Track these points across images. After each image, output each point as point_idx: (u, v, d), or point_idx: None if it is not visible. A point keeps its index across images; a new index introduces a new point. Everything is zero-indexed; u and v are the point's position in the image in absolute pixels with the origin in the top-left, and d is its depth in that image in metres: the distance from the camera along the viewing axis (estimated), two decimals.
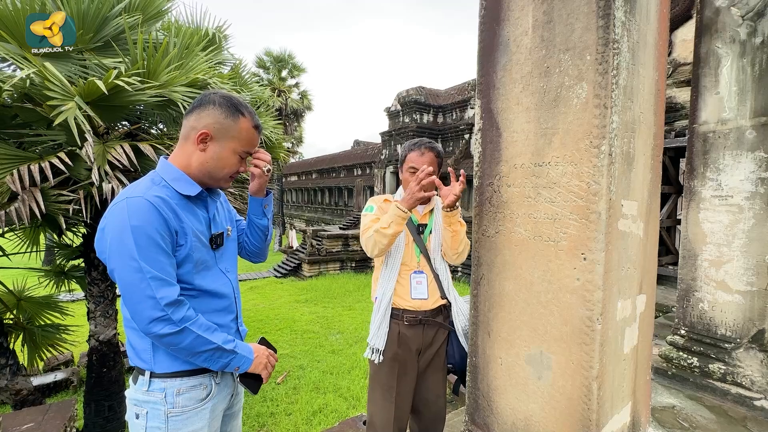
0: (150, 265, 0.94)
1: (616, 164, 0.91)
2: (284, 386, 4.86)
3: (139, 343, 1.02)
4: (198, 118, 1.06)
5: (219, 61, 5.17)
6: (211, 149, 1.07)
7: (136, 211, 0.94)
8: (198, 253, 1.05)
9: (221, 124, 1.06)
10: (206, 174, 1.09)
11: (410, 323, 1.65)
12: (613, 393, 1.01)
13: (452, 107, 14.36)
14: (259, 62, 20.92)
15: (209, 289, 1.09)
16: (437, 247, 1.70)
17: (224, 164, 1.09)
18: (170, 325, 0.95)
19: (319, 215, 24.67)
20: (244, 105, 1.10)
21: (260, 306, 9.37)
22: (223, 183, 1.14)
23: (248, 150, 1.12)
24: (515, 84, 1.05)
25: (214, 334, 1.02)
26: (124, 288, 0.95)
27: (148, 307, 0.93)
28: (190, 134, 1.07)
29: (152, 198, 0.97)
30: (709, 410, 2.06)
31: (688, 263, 2.34)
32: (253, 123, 1.11)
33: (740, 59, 2.14)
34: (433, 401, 1.73)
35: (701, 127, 2.29)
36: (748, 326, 2.13)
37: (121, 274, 0.94)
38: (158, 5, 3.96)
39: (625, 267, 1.00)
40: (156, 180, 1.04)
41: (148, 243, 0.94)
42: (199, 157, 1.07)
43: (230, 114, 1.06)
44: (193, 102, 1.09)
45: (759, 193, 2.08)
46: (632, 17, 0.92)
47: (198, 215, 1.09)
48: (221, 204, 1.23)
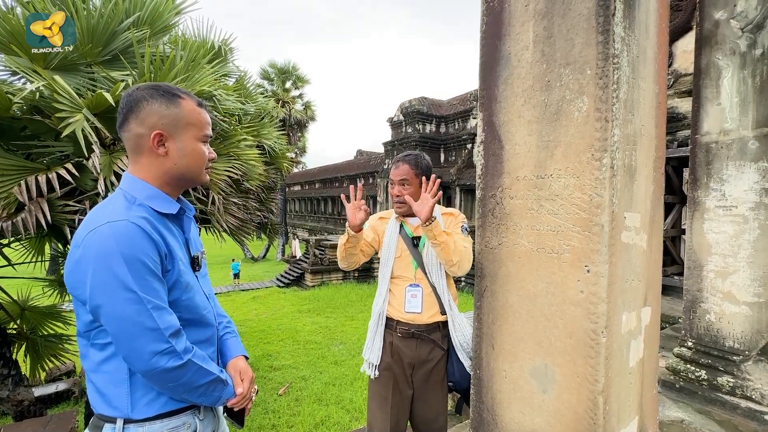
0: (149, 294, 0.84)
1: (618, 176, 0.92)
2: (286, 398, 4.82)
3: (112, 390, 0.89)
4: (139, 122, 0.92)
5: (224, 73, 5.25)
6: (173, 148, 0.94)
7: (125, 236, 0.83)
8: (184, 277, 0.95)
9: (168, 117, 0.92)
10: (181, 177, 0.98)
11: (403, 335, 1.64)
12: (620, 407, 0.99)
13: (454, 117, 14.45)
14: (263, 74, 21.23)
15: (195, 318, 0.98)
16: (434, 259, 1.68)
17: (195, 157, 0.97)
18: (175, 358, 0.86)
19: (322, 225, 24.71)
20: (175, 87, 0.97)
21: (262, 316, 9.34)
22: (203, 177, 1.03)
23: (207, 133, 1.00)
24: (517, 97, 1.06)
25: (211, 365, 0.95)
26: (117, 324, 0.83)
27: (150, 340, 0.83)
28: (140, 143, 0.93)
29: (138, 221, 0.86)
30: (718, 425, 2.02)
31: (694, 274, 2.32)
32: (195, 102, 0.98)
33: (741, 71, 2.15)
34: (433, 419, 1.70)
35: (704, 138, 2.29)
36: (756, 338, 2.10)
37: (113, 310, 0.82)
38: (166, 20, 4.05)
39: (630, 279, 1.00)
40: (130, 199, 0.92)
41: (144, 270, 0.84)
42: (164, 163, 0.94)
43: (169, 101, 0.93)
44: (120, 108, 0.94)
45: (764, 204, 2.07)
46: (631, 32, 0.94)
47: (176, 235, 0.98)
48: (193, 222, 1.11)
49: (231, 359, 1.09)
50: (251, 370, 1.09)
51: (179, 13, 4.14)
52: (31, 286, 3.99)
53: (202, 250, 1.08)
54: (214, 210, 4.26)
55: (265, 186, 5.96)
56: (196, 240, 1.08)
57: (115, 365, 0.89)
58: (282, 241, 22.74)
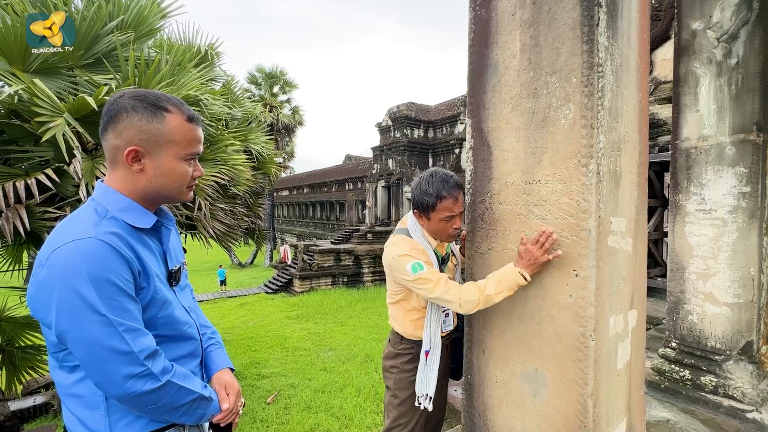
0: (121, 316, 0.79)
1: (604, 182, 0.94)
2: (275, 406, 4.74)
3: (87, 413, 0.84)
4: (116, 134, 0.86)
5: (211, 78, 5.21)
6: (150, 166, 0.88)
7: (91, 255, 0.78)
8: (161, 293, 0.89)
9: (147, 133, 0.86)
10: (157, 195, 0.92)
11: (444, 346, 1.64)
12: (609, 410, 1.01)
13: (442, 122, 14.59)
14: (250, 78, 21.10)
15: (175, 334, 0.93)
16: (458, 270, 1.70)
17: (172, 178, 0.91)
18: (152, 381, 0.81)
19: (310, 230, 24.56)
20: (165, 98, 0.89)
21: (250, 323, 9.20)
22: (183, 196, 0.96)
23: (193, 151, 0.93)
24: (505, 104, 1.08)
25: (192, 382, 0.90)
26: (85, 350, 0.78)
27: (122, 364, 0.78)
28: (116, 156, 0.87)
29: (107, 237, 0.80)
30: (702, 424, 2.06)
31: (676, 276, 2.37)
32: (184, 116, 0.90)
33: (717, 79, 2.23)
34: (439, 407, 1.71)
35: (683, 144, 2.36)
36: (737, 338, 2.16)
37: (81, 334, 0.77)
38: (151, 23, 4.00)
39: (616, 283, 1.02)
40: (100, 212, 0.86)
41: (113, 291, 0.78)
42: (139, 179, 0.89)
43: (152, 116, 0.86)
44: (102, 114, 0.88)
45: (741, 207, 2.14)
46: (615, 42, 0.96)
47: (152, 249, 0.93)
48: (174, 233, 1.05)
49: (216, 372, 1.05)
50: (237, 383, 1.05)
51: (164, 16, 4.09)
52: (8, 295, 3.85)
53: (182, 261, 1.04)
54: (200, 216, 4.20)
55: (252, 191, 5.90)
56: (177, 251, 1.03)
57: (87, 388, 0.83)
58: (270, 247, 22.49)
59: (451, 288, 1.35)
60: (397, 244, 1.49)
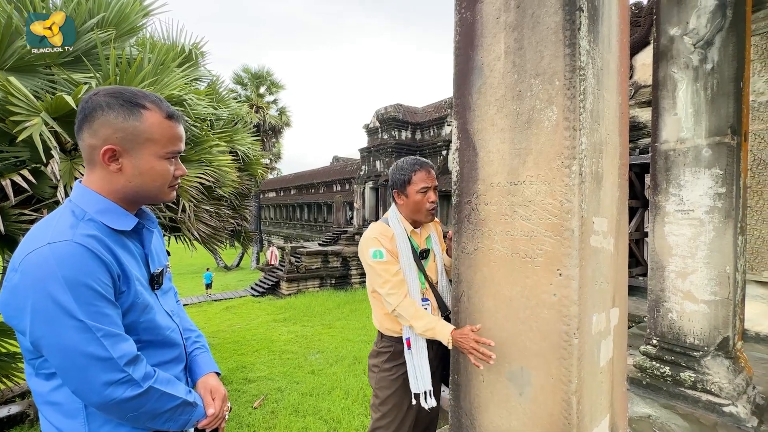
0: (99, 321, 0.76)
1: (587, 183, 0.96)
2: (261, 410, 4.68)
3: (66, 422, 0.81)
4: (92, 132, 0.83)
5: (195, 77, 5.13)
6: (128, 166, 0.85)
7: (67, 259, 0.75)
8: (142, 297, 0.87)
9: (124, 131, 0.83)
10: (136, 195, 0.89)
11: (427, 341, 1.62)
12: (592, 406, 1.03)
13: (429, 124, 14.68)
14: (236, 79, 20.86)
15: (157, 339, 0.91)
16: (442, 268, 1.68)
17: (153, 178, 0.88)
18: (133, 387, 0.78)
19: (297, 231, 24.37)
20: (143, 95, 0.87)
21: (236, 326, 9.07)
22: (165, 196, 0.93)
23: (174, 150, 0.90)
24: (490, 106, 1.09)
25: (176, 387, 0.88)
26: (62, 357, 0.75)
27: (101, 370, 0.75)
28: (93, 156, 0.85)
29: (84, 240, 0.77)
30: (682, 418, 2.12)
31: (657, 275, 2.44)
32: (163, 113, 0.88)
33: (694, 83, 2.30)
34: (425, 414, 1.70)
35: (662, 146, 2.43)
36: (714, 334, 2.23)
37: (57, 341, 0.74)
38: (133, 21, 3.92)
39: (599, 281, 1.04)
40: (78, 213, 0.82)
41: (91, 296, 0.76)
42: (118, 179, 0.86)
43: (129, 113, 0.84)
44: (77, 113, 0.85)
45: (717, 207, 2.21)
46: (596, 46, 0.98)
47: (133, 252, 0.90)
48: (156, 234, 1.02)
49: (201, 377, 1.03)
50: (223, 387, 1.03)
51: (147, 14, 4.01)
52: None
53: (165, 264, 1.01)
54: (184, 218, 4.12)
55: (238, 193, 5.83)
56: (159, 253, 1.01)
57: (65, 395, 0.80)
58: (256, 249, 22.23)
59: (396, 295, 1.48)
60: (371, 229, 1.64)
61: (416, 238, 1.67)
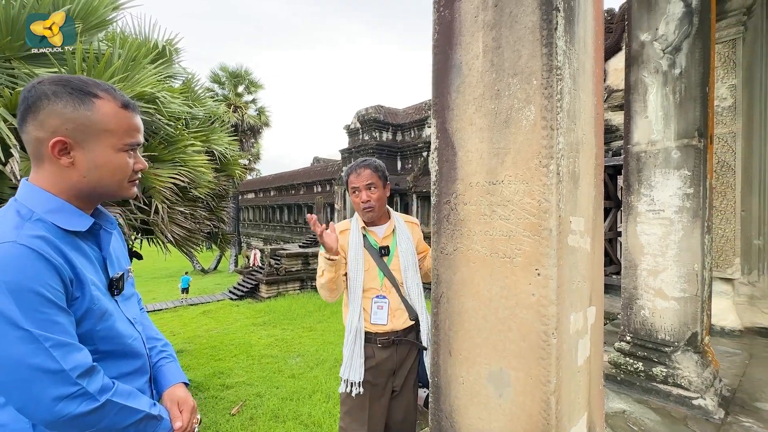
0: (47, 330, 0.69)
1: (564, 182, 0.96)
2: (240, 417, 4.56)
3: None
4: (37, 124, 0.76)
5: (169, 75, 4.97)
6: (82, 159, 0.79)
7: (10, 262, 0.68)
8: (98, 304, 0.80)
9: (74, 122, 0.76)
10: (93, 192, 0.82)
11: (383, 345, 1.62)
12: (570, 406, 1.03)
13: (410, 126, 14.75)
14: (213, 77, 20.40)
15: (116, 349, 0.84)
16: (407, 266, 1.67)
17: (110, 172, 0.82)
18: (88, 401, 0.72)
19: (277, 233, 24.00)
20: (93, 83, 0.80)
21: (213, 331, 8.82)
22: (125, 192, 0.87)
23: (132, 141, 0.83)
24: (468, 105, 1.08)
25: (138, 400, 0.82)
26: (4, 371, 0.68)
27: (50, 384, 0.69)
28: (40, 150, 0.77)
29: (30, 242, 0.71)
30: (655, 412, 2.18)
31: (630, 273, 2.50)
32: (118, 102, 0.81)
33: (664, 87, 2.38)
34: (401, 420, 1.71)
35: (634, 148, 2.50)
36: (683, 330, 2.31)
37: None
38: (102, 15, 3.76)
39: (576, 281, 1.04)
40: (24, 213, 0.75)
41: (38, 302, 0.69)
42: (70, 175, 0.79)
43: (78, 102, 0.77)
44: (19, 103, 0.78)
45: (685, 207, 2.29)
46: (572, 46, 0.99)
47: (88, 255, 0.83)
48: (116, 236, 0.95)
49: (167, 388, 0.96)
50: (192, 399, 0.98)
51: (117, 8, 3.85)
52: None
53: (127, 268, 0.95)
54: (157, 219, 3.97)
55: (215, 194, 5.67)
56: (120, 257, 0.94)
57: (9, 415, 0.73)
58: (235, 252, 21.75)
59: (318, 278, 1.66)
60: None
61: (372, 235, 1.72)
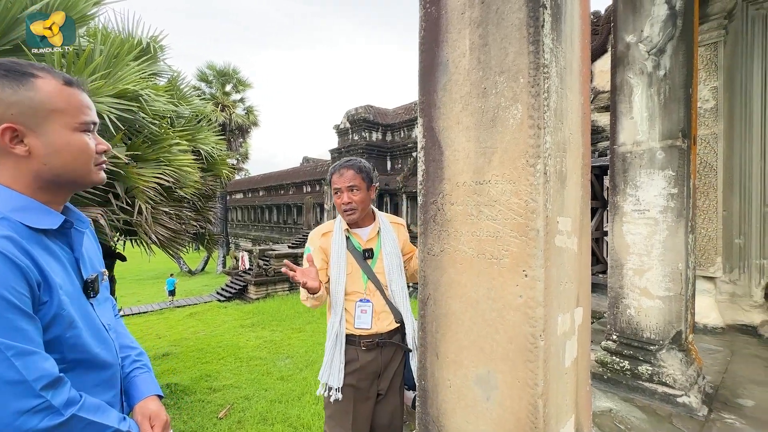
0: (9, 337, 0.65)
1: (551, 182, 0.95)
2: (227, 420, 4.48)
3: None
4: None
5: (154, 72, 4.87)
6: (38, 145, 0.73)
7: None
8: (68, 309, 0.75)
9: (18, 105, 0.71)
10: (57, 180, 0.77)
11: (367, 348, 1.59)
12: (558, 408, 1.02)
13: (400, 126, 14.76)
14: (200, 76, 20.09)
15: (86, 358, 0.79)
16: (392, 269, 1.64)
17: (72, 155, 0.77)
18: (52, 415, 0.67)
19: (266, 234, 23.77)
20: (27, 63, 0.75)
21: (200, 333, 8.68)
22: (93, 176, 0.82)
23: (86, 120, 0.78)
24: (455, 104, 1.07)
25: (106, 415, 0.76)
26: None
27: (11, 396, 0.64)
28: None
29: None
30: (641, 410, 2.20)
31: (616, 272, 2.53)
32: (59, 80, 0.76)
33: (648, 88, 2.40)
34: (387, 424, 1.69)
35: (620, 148, 2.53)
36: (668, 328, 2.33)
37: None
38: (82, 10, 3.65)
39: (563, 282, 1.03)
40: None
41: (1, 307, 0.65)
42: (29, 164, 0.74)
43: (17, 84, 0.71)
44: None
45: (670, 207, 2.32)
46: (559, 44, 0.98)
47: (58, 256, 0.78)
48: (89, 236, 0.90)
49: (139, 401, 0.91)
50: (165, 413, 0.92)
51: (98, 3, 3.75)
52: None
53: (101, 270, 0.90)
54: (141, 220, 3.88)
55: (201, 194, 5.57)
56: (93, 258, 0.89)
57: None
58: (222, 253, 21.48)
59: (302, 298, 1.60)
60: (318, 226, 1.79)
61: (356, 237, 1.70)
